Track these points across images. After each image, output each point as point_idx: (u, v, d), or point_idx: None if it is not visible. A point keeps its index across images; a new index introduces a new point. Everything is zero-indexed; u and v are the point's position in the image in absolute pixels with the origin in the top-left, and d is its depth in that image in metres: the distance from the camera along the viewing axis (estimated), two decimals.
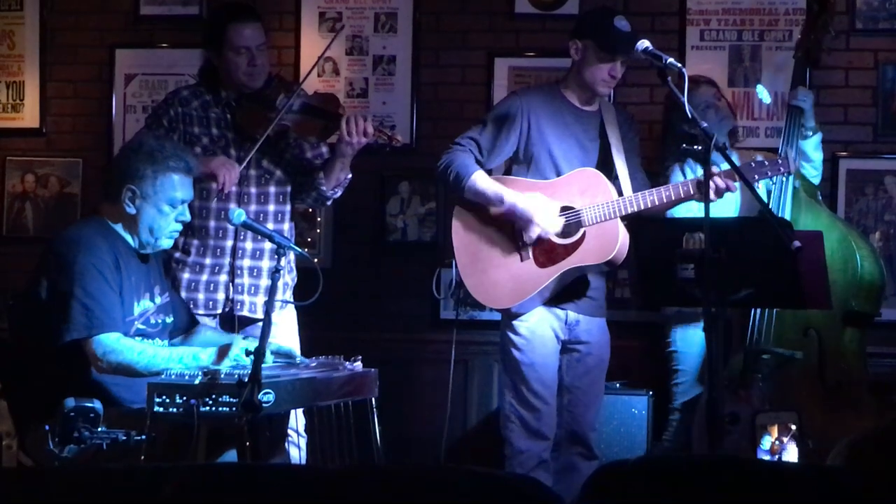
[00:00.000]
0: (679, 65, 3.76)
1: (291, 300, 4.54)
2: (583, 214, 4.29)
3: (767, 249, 3.73)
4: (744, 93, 5.37)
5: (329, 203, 4.65)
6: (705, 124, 3.79)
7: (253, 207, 4.46)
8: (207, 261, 4.46)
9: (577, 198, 4.31)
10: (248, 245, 4.47)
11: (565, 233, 4.32)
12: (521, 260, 4.34)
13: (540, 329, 4.37)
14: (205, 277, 4.46)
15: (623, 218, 4.26)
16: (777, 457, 3.90)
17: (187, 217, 3.97)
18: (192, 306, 4.41)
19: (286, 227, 4.55)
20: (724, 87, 5.32)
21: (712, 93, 4.93)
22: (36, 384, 3.75)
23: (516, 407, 4.38)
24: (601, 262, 4.30)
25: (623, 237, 4.24)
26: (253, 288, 4.46)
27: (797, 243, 3.58)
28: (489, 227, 4.40)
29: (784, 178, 4.55)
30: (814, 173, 4.79)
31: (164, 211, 3.87)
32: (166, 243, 3.95)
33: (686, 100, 3.70)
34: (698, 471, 1.98)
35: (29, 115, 5.86)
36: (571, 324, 4.41)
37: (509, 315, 4.39)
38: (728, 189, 4.14)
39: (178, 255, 4.44)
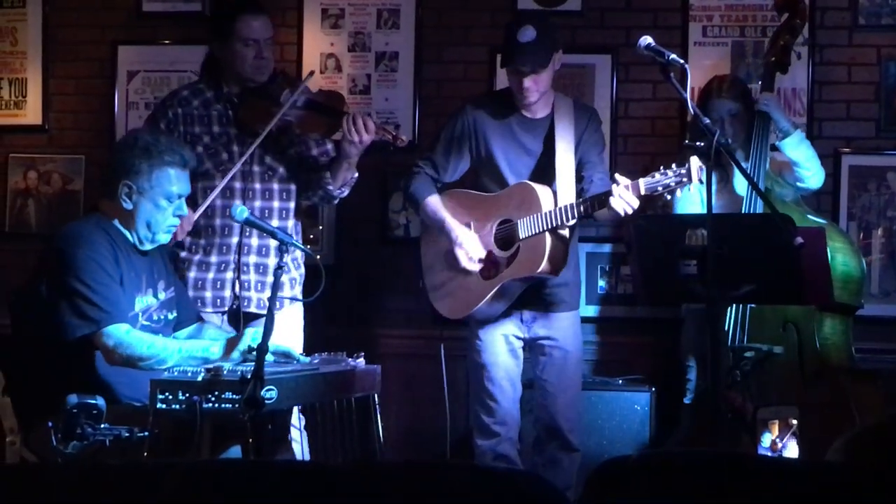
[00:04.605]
0: (681, 61, 3.76)
1: (299, 296, 4.54)
2: (517, 227, 4.39)
3: (769, 245, 3.72)
4: None
5: (336, 202, 4.66)
6: (707, 120, 3.78)
7: (257, 204, 4.46)
8: (213, 258, 4.46)
9: (514, 211, 4.41)
10: (254, 242, 4.46)
11: (506, 245, 4.42)
12: (470, 272, 4.48)
13: (494, 331, 4.52)
14: (211, 275, 4.45)
15: (551, 230, 4.30)
16: (778, 454, 3.90)
17: (184, 211, 3.96)
18: (199, 305, 4.41)
19: (290, 223, 4.54)
20: None
21: (733, 106, 4.74)
22: (39, 381, 3.75)
23: (474, 405, 4.58)
24: (531, 275, 4.37)
25: (550, 250, 4.30)
26: (259, 284, 4.45)
27: (800, 239, 3.58)
28: (448, 241, 4.54)
29: (756, 180, 4.52)
30: (808, 174, 4.71)
31: (161, 205, 3.87)
32: (164, 238, 3.95)
33: (688, 96, 3.69)
34: (700, 467, 1.98)
35: (31, 112, 5.86)
36: (528, 321, 4.52)
37: (476, 321, 4.54)
38: (629, 204, 4.06)
39: (184, 254, 4.45)
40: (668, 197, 4.00)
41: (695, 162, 3.93)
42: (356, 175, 4.51)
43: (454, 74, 5.60)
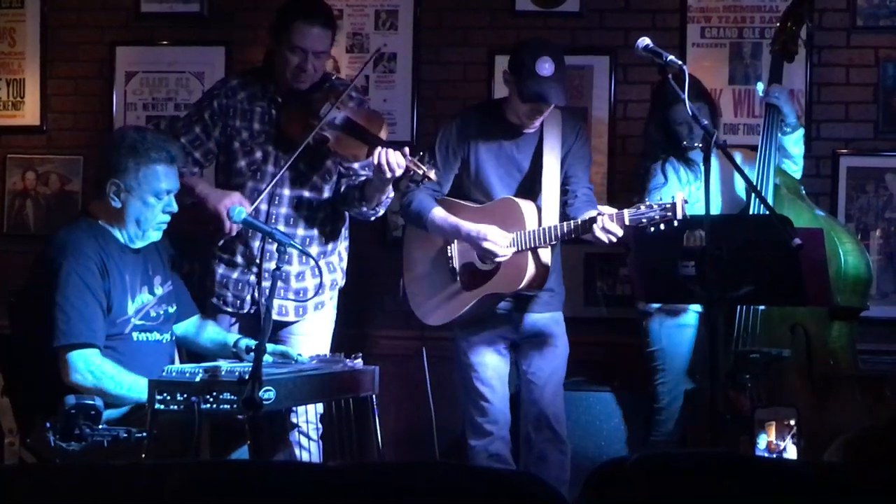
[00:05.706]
0: (679, 62, 3.76)
1: (332, 301, 4.53)
2: None
3: (768, 247, 3.73)
4: (744, 90, 5.36)
5: (373, 219, 4.57)
6: (706, 121, 3.78)
7: (283, 210, 4.38)
8: (238, 260, 4.41)
9: (498, 226, 4.40)
10: (276, 247, 4.37)
11: (488, 259, 4.42)
12: (451, 281, 4.53)
13: (481, 332, 4.55)
14: (235, 276, 4.40)
15: (533, 249, 4.33)
16: (776, 455, 3.90)
17: (174, 208, 3.92)
18: (221, 303, 4.37)
19: (316, 232, 4.46)
20: (724, 85, 5.32)
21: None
22: (38, 381, 3.76)
23: (467, 405, 4.60)
24: (510, 292, 4.42)
25: (531, 270, 4.33)
26: (281, 291, 4.34)
27: (798, 240, 3.58)
28: (431, 249, 4.59)
29: (765, 176, 4.55)
30: (794, 168, 4.75)
31: (150, 203, 3.86)
32: (155, 235, 3.93)
33: (686, 97, 3.69)
34: (699, 468, 1.98)
35: (30, 113, 5.86)
36: (516, 321, 4.54)
37: (462, 323, 4.57)
38: (612, 234, 4.08)
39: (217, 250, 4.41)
40: (652, 229, 4.00)
41: (679, 197, 3.95)
42: (392, 194, 4.44)
43: (453, 76, 5.60)
